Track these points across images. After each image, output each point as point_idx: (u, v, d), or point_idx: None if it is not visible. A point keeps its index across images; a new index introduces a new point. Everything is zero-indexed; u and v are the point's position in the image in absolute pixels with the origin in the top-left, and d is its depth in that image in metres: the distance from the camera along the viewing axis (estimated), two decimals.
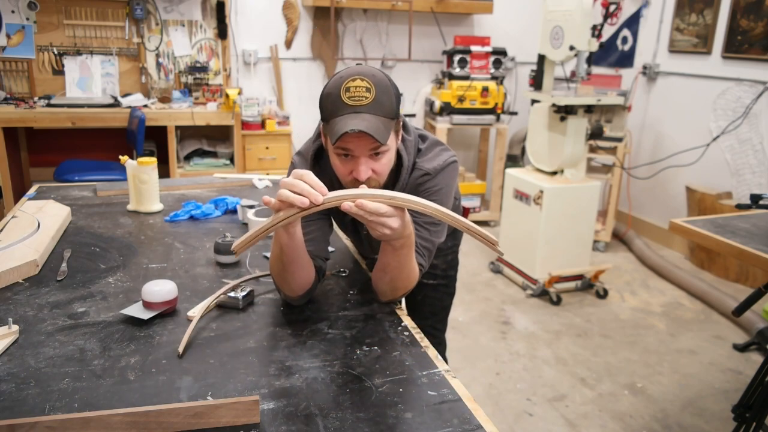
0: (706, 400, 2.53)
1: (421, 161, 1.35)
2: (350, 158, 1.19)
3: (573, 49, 3.19)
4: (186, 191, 2.19)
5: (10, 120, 3.52)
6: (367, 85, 1.14)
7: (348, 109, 1.13)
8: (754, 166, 3.72)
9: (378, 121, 1.13)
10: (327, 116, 1.17)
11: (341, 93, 1.14)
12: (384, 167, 1.22)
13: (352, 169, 1.19)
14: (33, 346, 1.10)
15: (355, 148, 1.16)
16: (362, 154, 1.17)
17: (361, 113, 1.13)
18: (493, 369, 2.70)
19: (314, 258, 1.30)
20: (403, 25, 4.58)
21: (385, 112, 1.15)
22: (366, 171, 1.18)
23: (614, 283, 3.70)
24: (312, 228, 1.34)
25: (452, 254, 1.76)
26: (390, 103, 1.17)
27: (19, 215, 1.71)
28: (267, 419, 0.92)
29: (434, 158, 1.36)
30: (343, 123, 1.12)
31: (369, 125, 1.11)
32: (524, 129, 4.69)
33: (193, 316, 1.22)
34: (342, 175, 1.23)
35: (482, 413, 0.96)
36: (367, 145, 1.16)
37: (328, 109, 1.17)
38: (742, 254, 1.79)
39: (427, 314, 1.76)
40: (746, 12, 3.68)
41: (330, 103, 1.16)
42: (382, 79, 1.17)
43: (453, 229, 1.69)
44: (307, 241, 1.30)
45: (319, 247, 1.33)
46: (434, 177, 1.34)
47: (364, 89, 1.14)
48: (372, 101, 1.14)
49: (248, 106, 4.02)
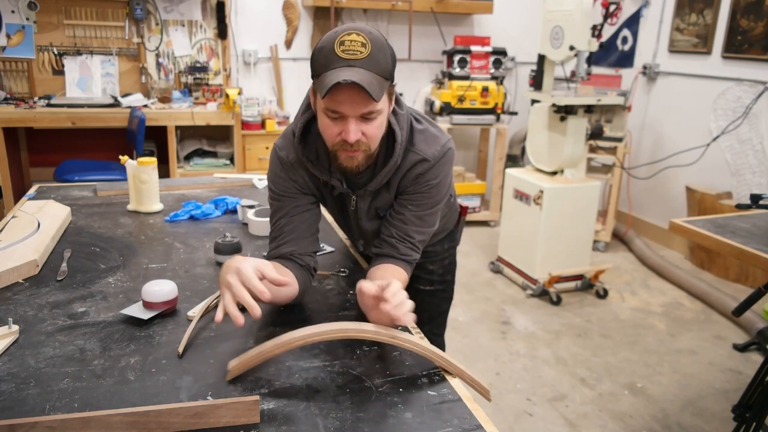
0: (706, 400, 2.53)
1: (417, 143, 1.27)
2: (340, 119, 1.12)
3: (573, 49, 3.19)
4: (186, 191, 2.19)
5: (10, 120, 3.52)
6: (363, 40, 1.08)
7: (341, 62, 1.07)
8: (754, 166, 3.72)
9: (372, 77, 1.07)
10: (318, 70, 1.10)
11: (335, 46, 1.07)
12: (375, 131, 1.16)
13: (342, 129, 1.13)
14: (33, 346, 1.10)
15: (345, 107, 1.10)
16: (353, 114, 1.10)
17: (355, 67, 1.06)
18: (493, 369, 2.70)
19: (300, 257, 1.28)
20: (403, 25, 4.58)
21: (380, 69, 1.09)
22: (356, 132, 1.12)
23: (614, 283, 3.70)
24: (295, 224, 1.30)
25: (449, 257, 1.70)
26: (386, 61, 1.10)
27: (19, 215, 1.71)
28: (267, 419, 0.92)
29: (431, 141, 1.28)
30: (334, 75, 1.05)
31: (362, 79, 1.05)
32: (524, 129, 4.69)
33: (192, 316, 1.22)
34: (330, 137, 1.16)
35: (482, 413, 0.96)
36: (358, 104, 1.09)
37: (320, 62, 1.10)
38: (742, 254, 1.79)
39: (425, 320, 1.70)
40: (746, 12, 3.68)
41: (322, 56, 1.09)
42: (379, 37, 1.11)
43: (450, 230, 1.67)
44: (289, 241, 1.29)
45: (305, 244, 1.30)
46: (433, 166, 1.27)
47: (360, 44, 1.07)
48: (367, 56, 1.07)
49: (248, 106, 4.01)
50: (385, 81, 1.11)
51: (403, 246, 1.31)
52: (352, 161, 1.18)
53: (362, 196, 1.33)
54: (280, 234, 1.30)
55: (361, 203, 1.34)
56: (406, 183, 1.29)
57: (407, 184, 1.29)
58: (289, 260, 1.28)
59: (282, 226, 1.30)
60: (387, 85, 1.12)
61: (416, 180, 1.28)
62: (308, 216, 1.32)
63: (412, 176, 1.27)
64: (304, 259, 1.29)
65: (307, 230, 1.31)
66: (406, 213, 1.31)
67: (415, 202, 1.30)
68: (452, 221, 1.66)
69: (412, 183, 1.28)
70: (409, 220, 1.31)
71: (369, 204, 1.35)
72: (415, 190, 1.29)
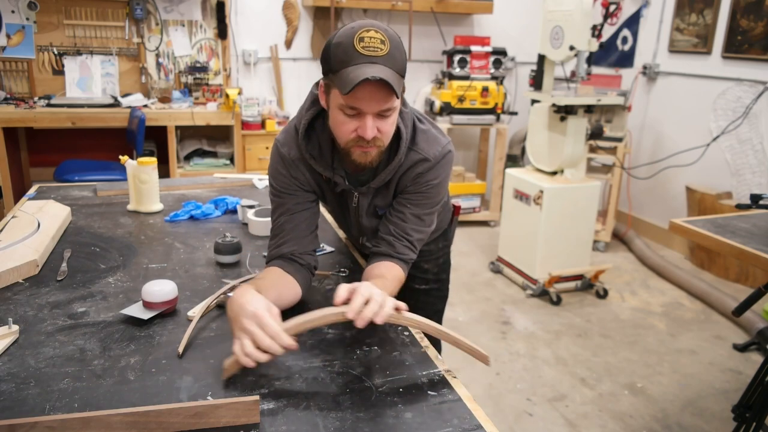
0: (706, 400, 2.53)
1: (419, 142, 1.28)
2: (356, 116, 1.12)
3: (573, 49, 3.19)
4: (186, 191, 2.19)
5: (10, 120, 3.52)
6: (382, 37, 1.08)
7: (363, 59, 1.06)
8: (754, 166, 3.72)
9: (392, 74, 1.08)
10: (336, 66, 1.09)
11: (355, 42, 1.07)
12: (390, 128, 1.17)
13: (358, 126, 1.13)
14: (33, 346, 1.10)
15: (365, 104, 1.09)
16: (371, 111, 1.11)
17: (377, 64, 1.07)
18: (493, 369, 2.70)
19: (300, 256, 1.29)
20: (403, 25, 4.58)
21: (398, 67, 1.10)
22: (373, 129, 1.12)
23: (614, 283, 3.70)
24: (295, 222, 1.31)
25: (443, 256, 1.70)
26: (402, 59, 1.12)
27: (19, 215, 1.71)
28: (267, 419, 0.92)
29: (432, 142, 1.29)
30: (359, 71, 1.05)
31: (386, 76, 1.05)
32: (524, 129, 4.69)
33: (193, 316, 1.22)
34: (345, 134, 1.15)
35: (482, 413, 0.96)
36: (378, 101, 1.09)
37: (338, 57, 1.08)
38: (742, 254, 1.79)
39: None
40: (746, 12, 3.68)
41: (341, 51, 1.08)
42: (394, 35, 1.12)
43: (444, 229, 1.67)
44: (290, 240, 1.30)
45: (305, 243, 1.31)
46: (434, 167, 1.28)
47: (379, 41, 1.08)
48: (387, 53, 1.08)
49: (248, 106, 4.01)
50: (401, 78, 1.13)
51: (400, 244, 1.31)
52: (366, 157, 1.18)
53: (364, 194, 1.33)
54: (281, 232, 1.31)
55: (363, 200, 1.35)
56: (406, 182, 1.29)
57: (407, 183, 1.29)
58: (289, 260, 1.29)
59: (282, 223, 1.31)
60: (402, 82, 1.14)
61: (416, 179, 1.28)
62: (308, 214, 1.33)
63: (412, 175, 1.28)
64: (304, 258, 1.30)
65: (307, 228, 1.32)
66: (406, 212, 1.31)
67: (415, 201, 1.31)
68: (446, 220, 1.66)
69: (411, 182, 1.29)
70: (408, 219, 1.31)
71: (370, 201, 1.35)
72: (416, 190, 1.30)
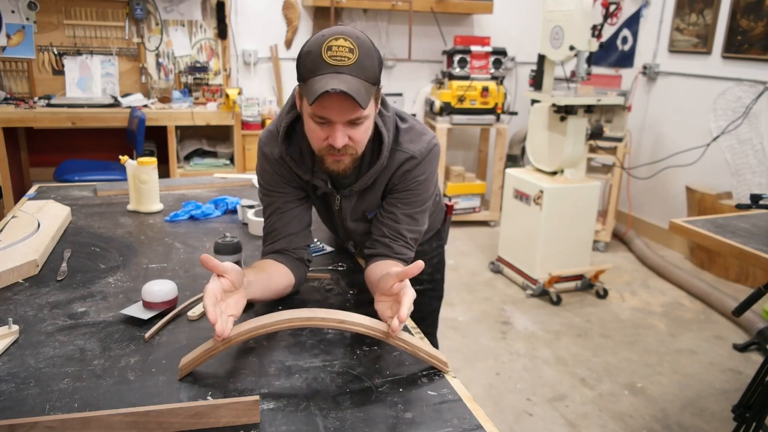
0: (706, 400, 2.53)
1: (403, 141, 1.27)
2: (327, 124, 1.12)
3: (573, 49, 3.19)
4: (186, 191, 2.19)
5: (10, 120, 3.52)
6: (351, 45, 1.06)
7: (328, 69, 1.05)
8: (754, 166, 3.72)
9: (359, 84, 1.06)
10: (305, 75, 1.09)
11: (322, 51, 1.06)
12: (362, 136, 1.15)
13: (328, 134, 1.12)
14: (33, 346, 1.10)
15: (333, 113, 1.09)
16: (340, 120, 1.10)
17: (343, 74, 1.05)
18: (493, 369, 2.70)
19: (294, 251, 1.30)
20: (403, 25, 4.58)
21: (367, 75, 1.08)
22: (343, 138, 1.12)
23: (614, 283, 3.70)
24: (286, 221, 1.31)
25: (437, 256, 1.70)
26: (373, 67, 1.09)
27: (19, 215, 1.71)
28: (267, 419, 0.92)
29: (417, 139, 1.28)
30: (322, 82, 1.04)
31: (350, 87, 1.04)
32: (524, 129, 4.69)
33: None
34: (317, 141, 1.16)
35: (482, 413, 0.96)
36: (346, 111, 1.08)
37: (306, 67, 1.08)
38: (742, 254, 1.79)
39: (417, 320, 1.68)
40: (746, 12, 3.68)
41: (310, 61, 1.08)
42: (366, 42, 1.09)
43: (438, 228, 1.67)
44: (282, 239, 1.31)
45: (297, 240, 1.32)
46: (420, 163, 1.27)
47: (347, 49, 1.06)
48: (354, 62, 1.06)
49: (248, 106, 4.02)
50: (372, 86, 1.11)
51: (397, 245, 1.31)
52: (338, 165, 1.19)
53: (347, 196, 1.33)
54: (273, 231, 1.33)
55: (346, 203, 1.35)
56: (395, 181, 1.29)
57: (395, 182, 1.29)
58: (282, 254, 1.31)
59: (273, 222, 1.33)
60: (374, 90, 1.12)
61: (404, 177, 1.28)
62: (299, 211, 1.33)
63: (400, 174, 1.28)
64: (297, 252, 1.31)
65: (298, 225, 1.33)
66: (397, 212, 1.31)
67: (405, 200, 1.31)
68: (439, 219, 1.66)
69: (400, 180, 1.29)
70: (401, 219, 1.31)
71: (354, 204, 1.35)
72: (404, 188, 1.29)
